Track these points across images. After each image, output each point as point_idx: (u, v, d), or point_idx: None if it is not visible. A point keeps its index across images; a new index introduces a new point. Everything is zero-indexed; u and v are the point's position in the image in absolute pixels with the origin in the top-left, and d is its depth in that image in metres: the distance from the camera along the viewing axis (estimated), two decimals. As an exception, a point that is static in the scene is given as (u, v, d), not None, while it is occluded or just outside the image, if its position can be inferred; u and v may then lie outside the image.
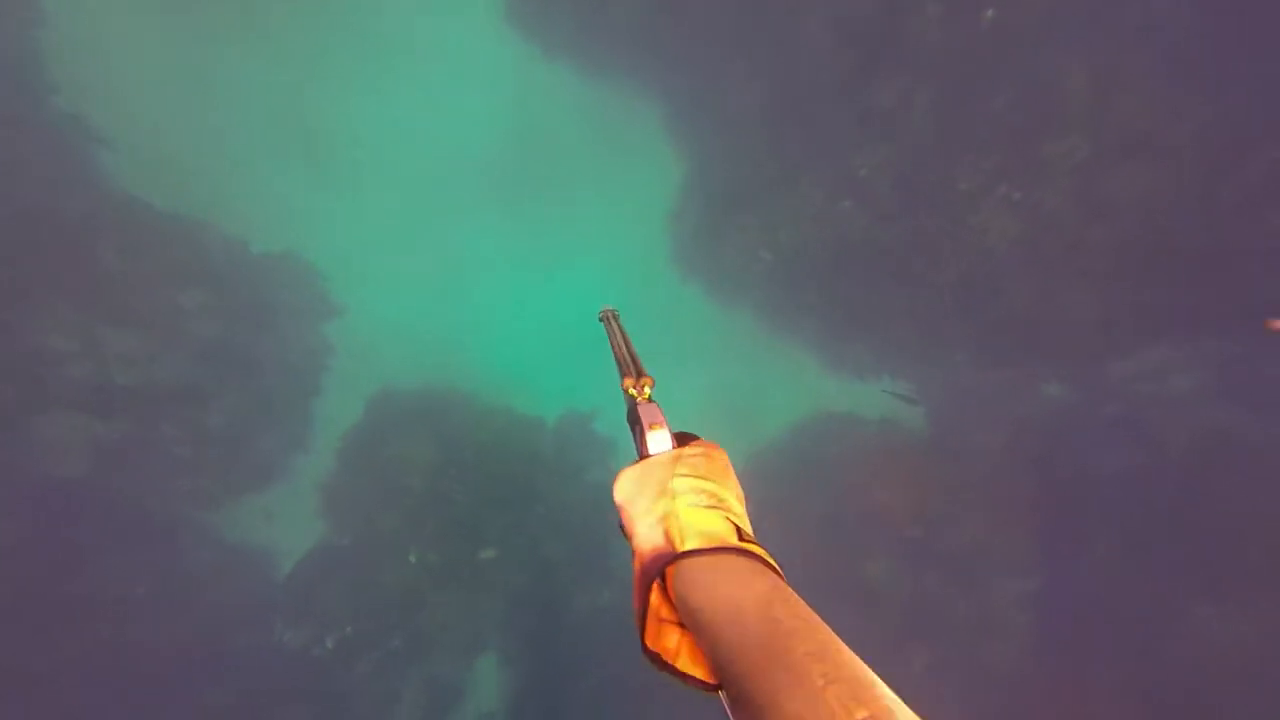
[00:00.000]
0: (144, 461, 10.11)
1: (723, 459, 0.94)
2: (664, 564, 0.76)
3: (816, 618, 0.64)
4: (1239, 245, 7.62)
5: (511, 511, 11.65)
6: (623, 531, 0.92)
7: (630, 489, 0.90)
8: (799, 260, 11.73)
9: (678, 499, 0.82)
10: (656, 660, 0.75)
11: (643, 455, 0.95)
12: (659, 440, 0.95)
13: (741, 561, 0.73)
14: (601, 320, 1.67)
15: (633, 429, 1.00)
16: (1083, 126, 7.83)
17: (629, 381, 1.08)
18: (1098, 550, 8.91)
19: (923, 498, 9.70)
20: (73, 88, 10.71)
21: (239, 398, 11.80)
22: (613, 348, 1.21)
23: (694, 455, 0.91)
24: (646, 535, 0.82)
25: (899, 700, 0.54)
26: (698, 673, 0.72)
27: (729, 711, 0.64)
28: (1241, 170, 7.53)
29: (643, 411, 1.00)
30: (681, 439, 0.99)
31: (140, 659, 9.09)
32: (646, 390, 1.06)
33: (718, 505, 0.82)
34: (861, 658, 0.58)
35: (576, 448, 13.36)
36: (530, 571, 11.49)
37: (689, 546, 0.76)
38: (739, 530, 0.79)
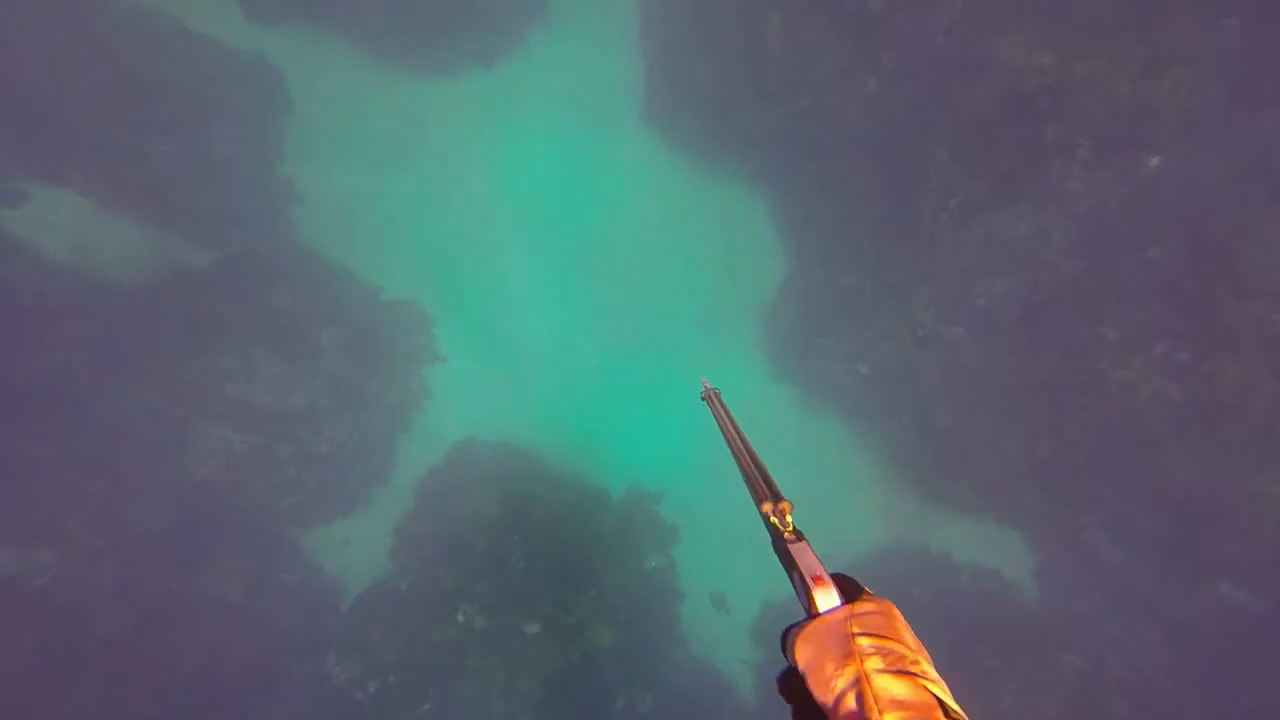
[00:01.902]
0: (261, 476, 11.30)
1: (898, 617, 0.89)
2: None
3: None
4: None
5: (564, 589, 11.46)
6: (783, 694, 0.89)
7: (812, 652, 0.86)
8: (899, 381, 11.09)
9: (866, 662, 0.78)
10: None
11: (810, 613, 0.92)
12: (826, 598, 0.92)
13: None
14: (704, 400, 1.63)
15: (789, 573, 0.99)
16: (1272, 294, 6.83)
17: (768, 507, 1.06)
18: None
19: (1029, 687, 8.15)
20: (292, 156, 13.19)
21: (345, 428, 13.01)
22: (737, 461, 1.19)
23: (869, 614, 0.87)
24: (837, 704, 0.77)
25: None
26: None
27: None
28: None
29: (799, 558, 0.98)
30: (843, 586, 0.95)
31: (218, 661, 9.77)
32: (788, 518, 1.04)
33: (909, 670, 0.77)
34: None
35: (639, 530, 13.05)
36: (572, 656, 11.07)
37: (887, 719, 0.71)
38: (942, 704, 0.73)
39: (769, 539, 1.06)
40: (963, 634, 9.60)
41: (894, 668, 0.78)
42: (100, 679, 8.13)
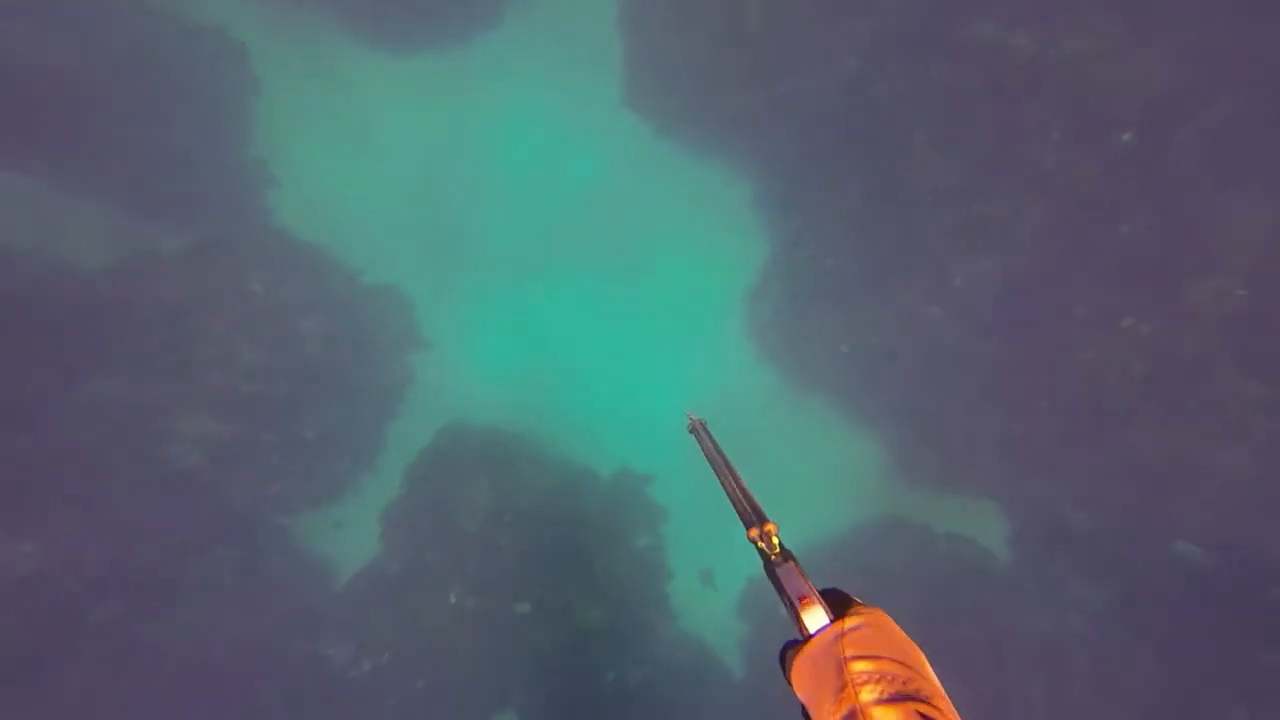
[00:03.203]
0: (245, 464, 11.25)
1: (888, 625, 0.89)
2: None
3: None
4: None
5: (553, 569, 11.68)
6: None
7: (810, 684, 0.86)
8: (881, 358, 11.33)
9: (861, 693, 0.77)
10: None
11: (803, 635, 0.94)
12: (815, 618, 0.93)
13: None
14: (691, 433, 1.70)
15: (780, 596, 1.01)
16: (1240, 268, 7.08)
17: (754, 532, 1.08)
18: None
19: (999, 647, 8.60)
20: (263, 137, 12.81)
21: (330, 414, 12.94)
22: (726, 491, 1.22)
23: (858, 629, 0.87)
24: None
25: None
26: None
27: None
28: None
29: (785, 581, 0.99)
30: (833, 602, 0.96)
31: (214, 645, 9.85)
32: (775, 539, 1.05)
33: (906, 693, 0.76)
34: None
35: (627, 510, 13.28)
36: (562, 634, 11.34)
37: None
38: None
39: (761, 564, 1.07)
40: (937, 601, 10.03)
41: (890, 694, 0.76)
42: (92, 664, 8.18)
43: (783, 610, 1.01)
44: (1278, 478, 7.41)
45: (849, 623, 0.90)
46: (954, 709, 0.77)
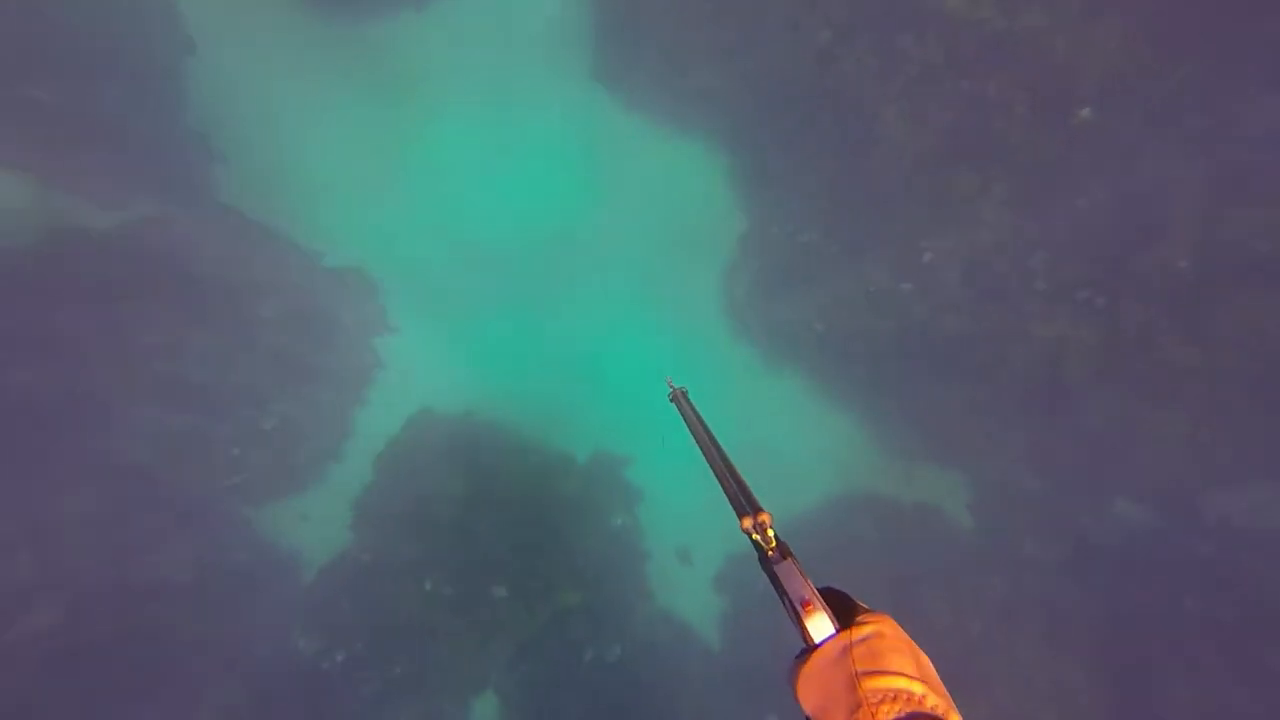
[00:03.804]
0: (200, 456, 10.72)
1: (897, 634, 0.87)
2: None
3: None
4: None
5: (530, 553, 11.60)
6: None
7: (819, 699, 0.83)
8: (853, 335, 11.45)
9: (878, 714, 0.75)
10: None
11: (807, 643, 0.90)
12: (820, 626, 0.90)
13: None
14: (672, 401, 1.60)
15: (779, 596, 0.96)
16: (1183, 241, 7.33)
17: (748, 522, 1.04)
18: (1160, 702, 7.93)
19: (960, 608, 8.97)
20: (204, 109, 11.92)
21: (292, 403, 12.43)
22: (712, 470, 1.17)
23: (867, 639, 0.85)
24: None
25: None
26: None
27: None
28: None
29: (786, 581, 0.95)
30: (834, 603, 0.93)
31: (176, 644, 9.47)
32: (770, 532, 1.02)
33: (921, 713, 0.75)
34: None
35: (603, 490, 13.25)
36: (541, 616, 11.34)
37: None
38: None
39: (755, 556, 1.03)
40: (906, 569, 10.36)
41: (905, 713, 0.75)
42: (31, 671, 7.72)
43: (782, 611, 0.96)
44: (1209, 440, 7.86)
45: (857, 633, 0.87)
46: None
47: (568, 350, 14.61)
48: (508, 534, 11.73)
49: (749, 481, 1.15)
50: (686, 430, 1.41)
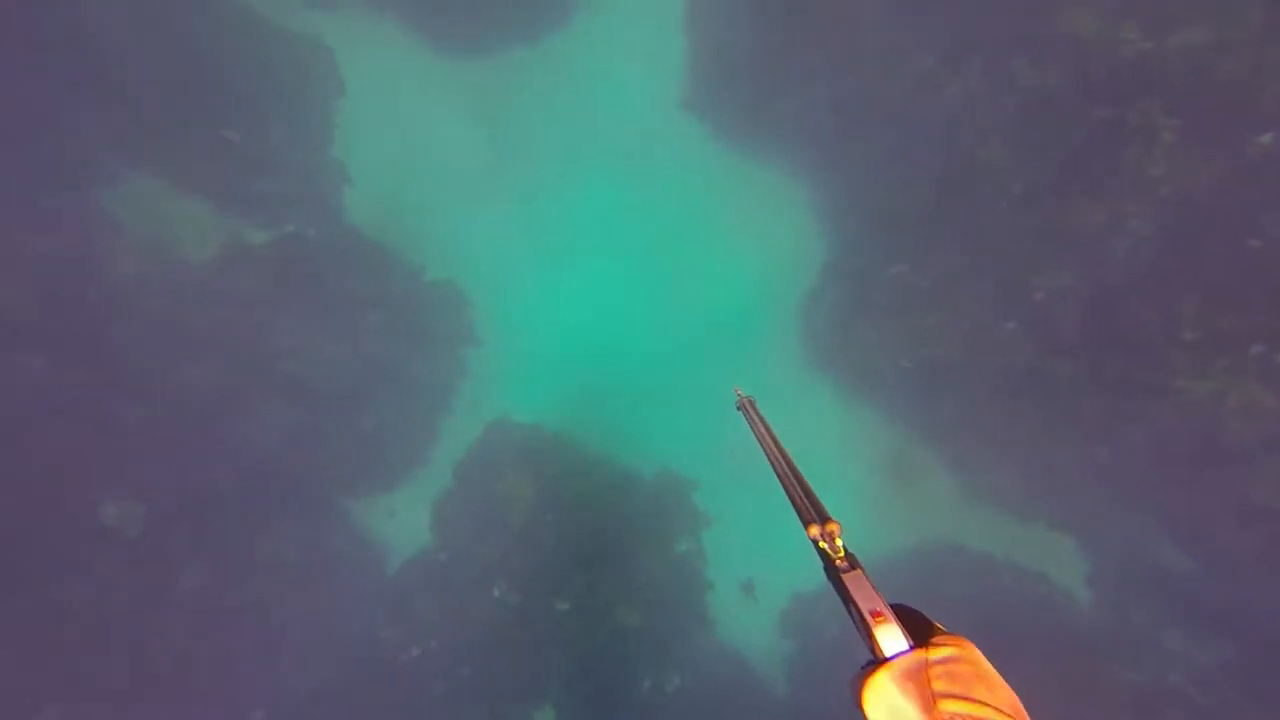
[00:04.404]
0: (313, 448, 11.93)
1: (980, 661, 0.81)
2: None
3: None
4: None
5: (592, 569, 11.73)
6: None
7: (886, 714, 0.78)
8: (946, 373, 10.68)
9: None
10: None
11: (876, 655, 0.85)
12: (891, 639, 0.84)
13: None
14: (739, 410, 1.51)
15: (845, 606, 0.92)
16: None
17: (815, 530, 1.01)
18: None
19: (1075, 692, 7.89)
20: (346, 140, 13.63)
21: (388, 406, 13.53)
22: (779, 477, 1.14)
23: (947, 660, 0.79)
24: None
25: None
26: None
27: None
28: None
29: (855, 591, 0.90)
30: (908, 621, 0.87)
31: (280, 618, 10.52)
32: (838, 540, 0.98)
33: None
34: None
35: (670, 515, 13.17)
36: (600, 635, 11.38)
37: None
38: None
39: (820, 565, 1.01)
40: (998, 636, 9.33)
41: None
42: (186, 622, 8.92)
43: (846, 617, 0.92)
44: None
45: (936, 653, 0.81)
46: None
47: (641, 370, 14.84)
48: (573, 547, 11.95)
49: (816, 487, 1.12)
50: (754, 439, 1.38)
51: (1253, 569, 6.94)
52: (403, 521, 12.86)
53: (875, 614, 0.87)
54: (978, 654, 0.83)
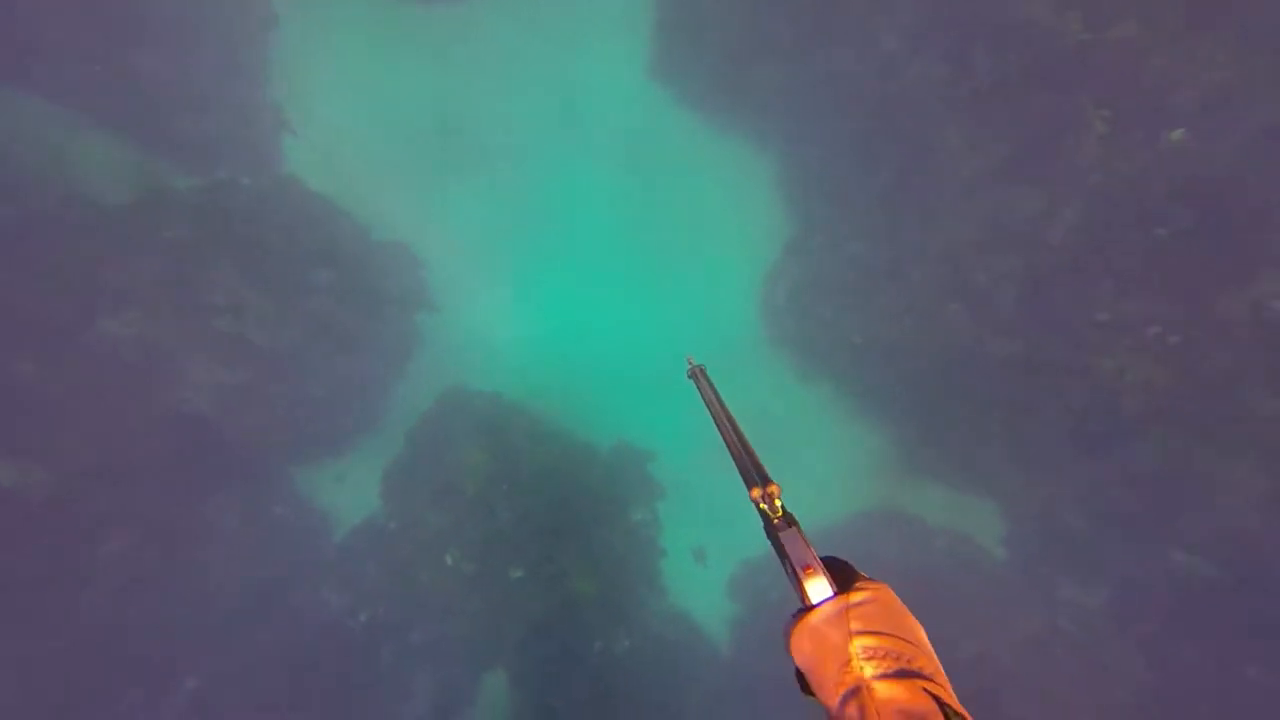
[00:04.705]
0: (252, 412, 11.31)
1: (893, 602, 0.90)
2: None
3: None
4: None
5: (548, 538, 11.80)
6: (803, 689, 0.88)
7: (812, 654, 0.86)
8: (892, 351, 11.16)
9: (866, 667, 0.78)
10: None
11: (805, 603, 0.93)
12: (819, 588, 0.92)
13: None
14: (690, 378, 1.58)
15: (781, 562, 0.99)
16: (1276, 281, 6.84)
17: (756, 492, 1.06)
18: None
19: (987, 637, 8.67)
20: (281, 81, 12.52)
21: (336, 369, 12.96)
22: (725, 443, 1.18)
23: (863, 603, 0.87)
24: (841, 711, 0.78)
25: None
26: None
27: None
28: None
29: (789, 547, 0.97)
30: (834, 570, 0.95)
31: (218, 584, 10.08)
32: (777, 501, 1.04)
33: (909, 670, 0.77)
34: None
35: (626, 484, 13.34)
36: (554, 602, 11.52)
37: None
38: (941, 703, 0.72)
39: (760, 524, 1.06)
40: (928, 590, 10.07)
41: (894, 670, 0.77)
42: (107, 590, 8.39)
43: (784, 577, 0.99)
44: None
45: (855, 597, 0.89)
46: (952, 689, 0.77)
47: (599, 343, 14.76)
48: (528, 516, 11.95)
49: (760, 451, 1.18)
50: (704, 407, 1.43)
51: (1136, 527, 7.79)
52: (351, 488, 12.49)
53: (807, 567, 0.95)
54: (891, 595, 0.91)
